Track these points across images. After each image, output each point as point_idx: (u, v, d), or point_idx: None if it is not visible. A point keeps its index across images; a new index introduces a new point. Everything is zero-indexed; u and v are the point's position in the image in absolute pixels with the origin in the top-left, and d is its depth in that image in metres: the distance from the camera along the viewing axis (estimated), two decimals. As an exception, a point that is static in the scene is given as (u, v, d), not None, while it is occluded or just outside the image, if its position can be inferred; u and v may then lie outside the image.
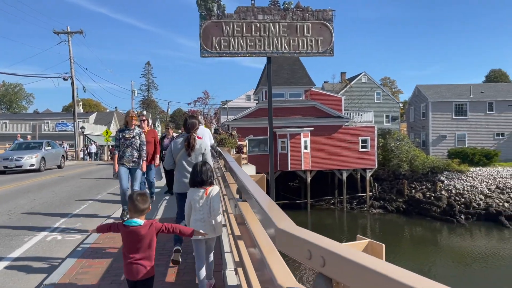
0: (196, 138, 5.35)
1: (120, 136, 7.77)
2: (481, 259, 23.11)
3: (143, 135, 8.00)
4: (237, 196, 3.98)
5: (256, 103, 41.79)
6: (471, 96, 38.38)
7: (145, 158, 7.98)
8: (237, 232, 3.95)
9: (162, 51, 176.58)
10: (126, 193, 7.53)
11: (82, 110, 71.14)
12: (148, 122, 9.64)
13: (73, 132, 40.09)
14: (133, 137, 7.75)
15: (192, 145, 5.21)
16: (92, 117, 65.84)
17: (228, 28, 8.31)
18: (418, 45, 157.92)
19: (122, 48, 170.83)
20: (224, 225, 4.90)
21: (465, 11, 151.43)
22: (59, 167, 23.24)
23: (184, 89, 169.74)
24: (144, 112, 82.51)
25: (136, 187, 7.75)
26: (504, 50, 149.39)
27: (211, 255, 4.54)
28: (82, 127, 44.20)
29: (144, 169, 8.05)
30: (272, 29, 7.70)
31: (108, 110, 79.54)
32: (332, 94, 37.03)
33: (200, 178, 4.26)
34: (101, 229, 3.68)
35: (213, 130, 65.05)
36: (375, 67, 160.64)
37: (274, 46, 7.60)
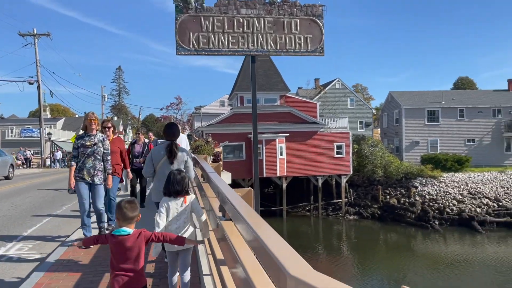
0: (178, 146, 5.24)
1: (79, 143, 6.45)
2: (454, 264, 23.24)
3: (107, 142, 6.74)
4: (219, 214, 3.62)
5: (230, 109, 41.23)
6: (443, 102, 39.00)
7: (110, 171, 6.65)
8: (219, 254, 3.53)
9: (134, 55, 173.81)
10: (86, 215, 6.39)
11: (49, 116, 68.67)
12: (114, 129, 8.25)
13: (39, 138, 38.37)
14: (95, 144, 6.47)
15: (174, 153, 5.09)
16: (60, 122, 63.58)
17: (208, 23, 7.32)
18: (389, 52, 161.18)
19: (92, 52, 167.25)
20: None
21: (435, 21, 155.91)
22: (7, 178, 20.61)
23: (156, 95, 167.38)
24: (115, 118, 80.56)
25: (100, 206, 6.53)
26: (471, 59, 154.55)
27: (187, 272, 4.17)
28: (49, 133, 42.44)
29: (110, 185, 6.68)
30: (257, 24, 6.81)
31: (77, 116, 77.17)
32: (307, 100, 36.86)
33: (175, 188, 4.03)
34: (87, 242, 3.51)
35: (186, 136, 64.41)
36: (348, 74, 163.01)
37: (259, 43, 6.68)
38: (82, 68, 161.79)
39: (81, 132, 6.75)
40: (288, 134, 31.93)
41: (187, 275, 4.15)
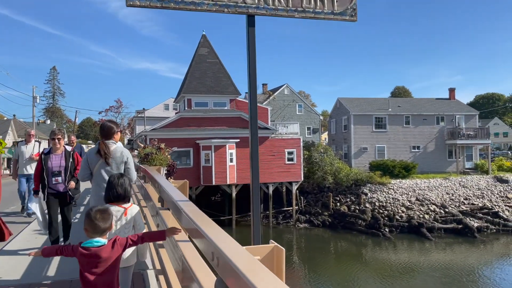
0: (117, 144, 4.94)
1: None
2: (402, 271, 23.31)
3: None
4: (158, 204, 3.75)
5: (176, 113, 39.13)
6: (390, 110, 39.44)
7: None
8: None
9: (71, 57, 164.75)
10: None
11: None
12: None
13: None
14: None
15: (103, 153, 4.78)
16: (-15, 125, 57.75)
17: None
18: (330, 62, 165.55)
19: (24, 52, 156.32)
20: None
21: (372, 32, 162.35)
22: None
23: (95, 98, 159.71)
24: (48, 121, 75.07)
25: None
26: (406, 69, 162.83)
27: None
28: (-30, 137, 37.87)
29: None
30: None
31: (5, 118, 70.84)
32: (258, 104, 35.58)
33: (116, 193, 3.77)
34: (48, 252, 3.11)
35: (126, 141, 60.52)
36: (291, 81, 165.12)
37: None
38: (13, 69, 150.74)
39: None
40: (238, 140, 30.47)
41: None
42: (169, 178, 7.73)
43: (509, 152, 65.89)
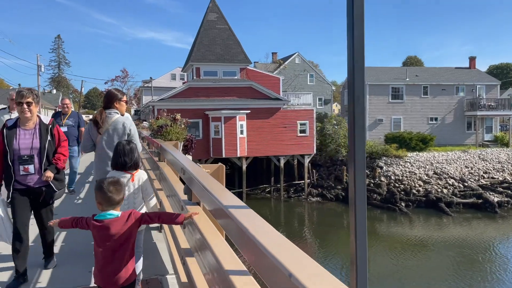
0: (113, 114, 4.60)
1: None
2: (416, 246, 22.63)
3: None
4: (184, 197, 3.07)
5: (183, 83, 37.76)
6: (407, 79, 37.64)
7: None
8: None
9: (76, 26, 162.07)
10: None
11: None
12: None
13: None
14: None
15: (96, 121, 4.54)
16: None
17: None
18: (337, 30, 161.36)
19: (28, 21, 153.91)
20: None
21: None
22: None
23: (100, 68, 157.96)
24: (54, 91, 74.17)
25: None
26: (416, 38, 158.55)
27: (139, 260, 3.78)
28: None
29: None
30: None
31: (11, 88, 69.90)
32: (269, 73, 34.06)
33: (123, 160, 3.61)
34: (64, 224, 2.99)
35: (133, 112, 59.49)
36: (300, 51, 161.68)
37: None
38: (16, 38, 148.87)
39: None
40: (249, 111, 29.15)
41: (139, 263, 3.77)
42: (186, 155, 6.50)
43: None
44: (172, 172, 4.54)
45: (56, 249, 5.13)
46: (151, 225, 5.68)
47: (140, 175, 3.74)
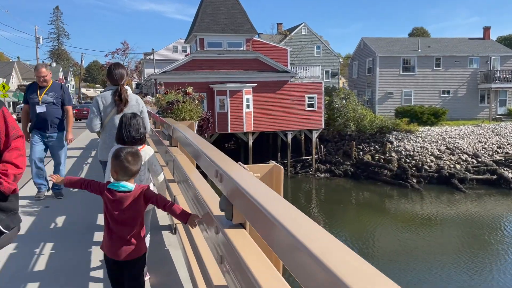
0: (129, 90, 4.45)
1: None
2: (425, 223, 22.05)
3: None
4: (219, 213, 2.12)
5: (186, 55, 36.44)
6: (419, 50, 36.09)
7: None
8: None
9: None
10: None
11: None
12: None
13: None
14: None
15: (124, 99, 4.31)
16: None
17: None
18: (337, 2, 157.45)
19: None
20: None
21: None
22: None
23: (100, 40, 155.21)
24: (54, 64, 72.72)
25: None
26: (422, 9, 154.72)
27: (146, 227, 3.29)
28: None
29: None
30: None
31: (10, 60, 68.46)
32: (276, 45, 32.62)
33: (129, 134, 3.33)
34: (72, 182, 2.92)
35: (134, 85, 58.13)
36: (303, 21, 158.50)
37: None
38: (14, 9, 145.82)
39: None
40: (255, 84, 27.94)
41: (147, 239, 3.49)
42: (202, 135, 5.39)
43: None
44: (188, 161, 3.61)
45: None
46: (160, 224, 5.28)
47: (146, 151, 3.53)
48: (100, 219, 5.37)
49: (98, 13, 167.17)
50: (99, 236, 4.71)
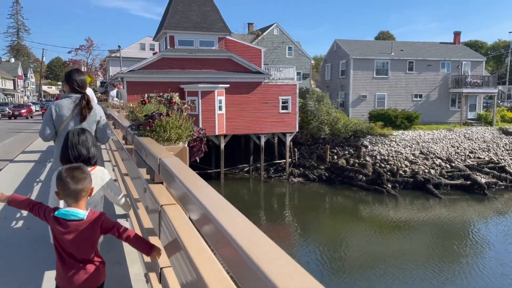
0: (92, 98, 4.37)
1: None
2: (397, 228, 21.91)
3: None
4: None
5: (154, 53, 34.85)
6: (392, 54, 35.87)
7: None
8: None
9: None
10: None
11: None
12: None
13: None
14: None
15: (90, 108, 3.91)
16: None
17: None
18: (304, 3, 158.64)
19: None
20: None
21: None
22: None
23: (63, 36, 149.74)
24: (13, 60, 69.17)
25: None
26: (385, 14, 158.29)
27: None
28: None
29: None
30: None
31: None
32: (250, 44, 31.51)
33: (76, 153, 2.92)
34: (17, 202, 2.59)
35: (99, 84, 55.62)
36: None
37: None
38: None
39: None
40: (228, 85, 26.73)
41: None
42: (191, 157, 3.92)
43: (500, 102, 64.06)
44: (185, 217, 2.60)
45: None
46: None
47: (98, 174, 3.04)
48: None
49: (60, 8, 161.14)
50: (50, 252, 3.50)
